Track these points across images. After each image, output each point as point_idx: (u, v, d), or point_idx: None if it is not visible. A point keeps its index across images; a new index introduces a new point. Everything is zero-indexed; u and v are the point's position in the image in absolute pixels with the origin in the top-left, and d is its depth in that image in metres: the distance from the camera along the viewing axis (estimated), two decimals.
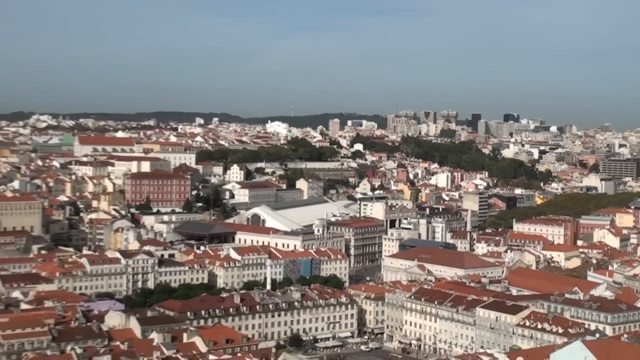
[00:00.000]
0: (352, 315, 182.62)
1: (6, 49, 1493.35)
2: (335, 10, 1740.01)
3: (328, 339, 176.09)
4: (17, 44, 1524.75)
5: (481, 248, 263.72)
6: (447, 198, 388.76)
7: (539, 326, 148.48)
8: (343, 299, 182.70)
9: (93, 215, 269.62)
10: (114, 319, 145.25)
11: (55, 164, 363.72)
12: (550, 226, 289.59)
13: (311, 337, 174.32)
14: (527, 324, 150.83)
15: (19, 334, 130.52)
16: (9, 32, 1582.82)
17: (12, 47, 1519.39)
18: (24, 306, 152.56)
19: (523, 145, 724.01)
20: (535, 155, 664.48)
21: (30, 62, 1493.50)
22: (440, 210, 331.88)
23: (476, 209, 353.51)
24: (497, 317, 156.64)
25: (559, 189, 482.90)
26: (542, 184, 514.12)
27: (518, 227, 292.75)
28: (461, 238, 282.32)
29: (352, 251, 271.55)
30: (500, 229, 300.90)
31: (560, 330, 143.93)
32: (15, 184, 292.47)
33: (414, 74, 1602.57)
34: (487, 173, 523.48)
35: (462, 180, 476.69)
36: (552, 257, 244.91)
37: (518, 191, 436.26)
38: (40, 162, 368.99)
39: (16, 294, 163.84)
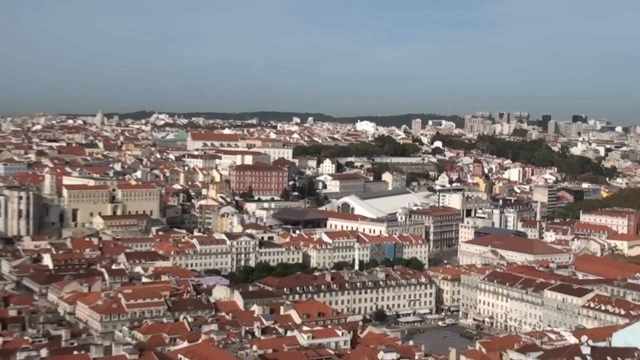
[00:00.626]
0: (430, 294, 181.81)
1: (132, 57, 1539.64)
2: (416, 22, 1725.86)
3: (409, 314, 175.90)
4: (141, 52, 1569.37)
5: (550, 236, 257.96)
6: (518, 191, 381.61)
7: (603, 308, 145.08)
8: (423, 280, 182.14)
9: (202, 202, 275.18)
10: (220, 293, 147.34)
11: (171, 156, 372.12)
12: (614, 217, 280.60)
13: (394, 313, 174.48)
14: (592, 305, 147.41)
15: (140, 303, 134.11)
16: (132, 42, 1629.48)
17: (138, 55, 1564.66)
18: (144, 280, 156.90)
19: (590, 144, 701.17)
20: (602, 153, 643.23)
21: (151, 68, 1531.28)
22: (512, 201, 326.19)
23: (545, 201, 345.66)
24: (563, 299, 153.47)
25: (623, 184, 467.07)
26: (607, 179, 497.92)
27: (585, 217, 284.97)
28: (531, 227, 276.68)
29: (431, 237, 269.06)
30: (567, 220, 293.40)
31: (623, 312, 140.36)
32: (138, 174, 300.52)
33: (489, 78, 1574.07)
34: (556, 169, 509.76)
35: (532, 175, 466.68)
36: (615, 246, 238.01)
37: (585, 185, 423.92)
38: (158, 155, 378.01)
39: (138, 269, 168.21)
